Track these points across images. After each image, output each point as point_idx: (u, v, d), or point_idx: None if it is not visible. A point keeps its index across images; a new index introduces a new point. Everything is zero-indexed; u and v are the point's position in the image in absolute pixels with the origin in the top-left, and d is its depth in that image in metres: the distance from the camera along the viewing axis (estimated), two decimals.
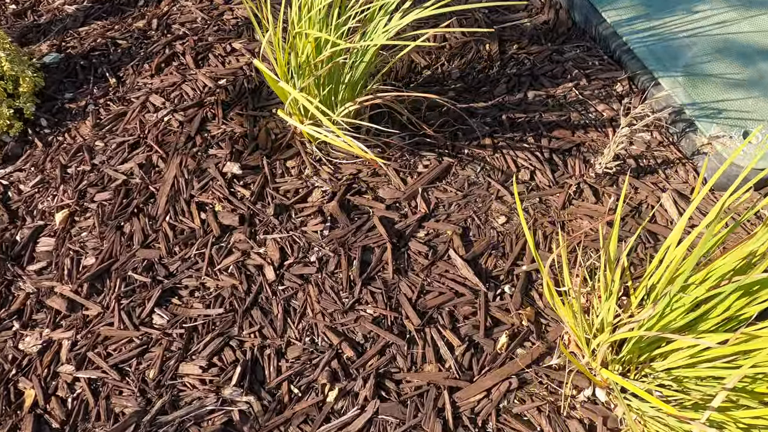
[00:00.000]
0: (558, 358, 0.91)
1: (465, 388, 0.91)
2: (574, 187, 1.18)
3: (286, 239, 1.13)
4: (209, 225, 1.16)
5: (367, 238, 1.12)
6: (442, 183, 1.21)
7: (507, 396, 0.90)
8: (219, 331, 1.01)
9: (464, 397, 0.90)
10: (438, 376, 0.93)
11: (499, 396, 0.90)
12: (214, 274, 1.10)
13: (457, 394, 0.91)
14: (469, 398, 0.90)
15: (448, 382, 0.92)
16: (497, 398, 0.90)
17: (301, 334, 1.00)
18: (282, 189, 1.21)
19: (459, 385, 0.92)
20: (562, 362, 0.91)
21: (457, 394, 0.91)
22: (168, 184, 1.24)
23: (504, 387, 0.90)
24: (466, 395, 0.90)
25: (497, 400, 0.90)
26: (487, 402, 0.90)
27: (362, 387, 0.92)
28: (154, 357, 0.99)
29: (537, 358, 0.93)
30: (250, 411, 0.92)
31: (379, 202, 1.17)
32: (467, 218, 1.15)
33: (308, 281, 1.07)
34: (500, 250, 1.10)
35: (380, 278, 1.06)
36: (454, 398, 0.91)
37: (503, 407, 0.90)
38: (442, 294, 1.03)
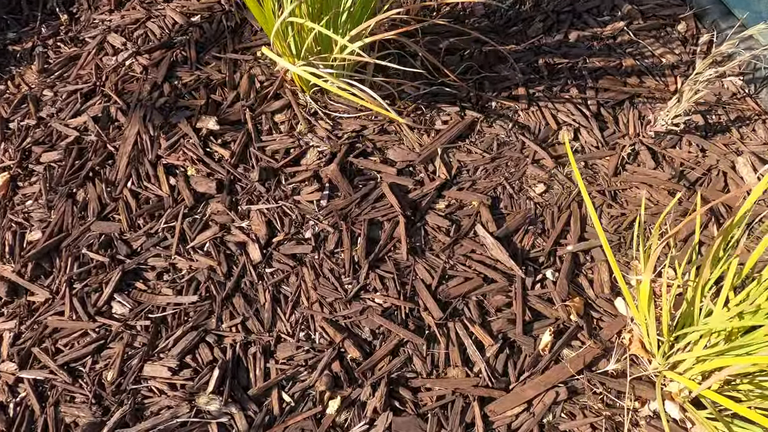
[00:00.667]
0: (616, 362, 0.73)
1: (499, 399, 0.73)
2: (628, 149, 0.97)
3: (275, 211, 0.92)
4: (180, 193, 0.95)
5: (374, 209, 0.91)
6: (466, 143, 0.99)
7: (552, 409, 0.72)
8: (193, 323, 0.82)
9: (499, 410, 0.72)
10: (465, 383, 0.74)
11: (543, 409, 0.72)
12: (187, 253, 0.89)
13: (489, 407, 0.73)
14: (504, 411, 0.72)
15: (477, 391, 0.73)
16: (540, 412, 0.72)
17: (293, 329, 0.81)
18: (269, 149, 0.99)
19: (492, 394, 0.73)
20: (621, 367, 0.73)
21: (490, 406, 0.73)
22: (130, 142, 1.01)
23: (549, 398, 0.72)
24: (501, 408, 0.72)
25: (540, 414, 0.72)
26: (528, 416, 0.72)
27: (370, 396, 0.74)
28: (114, 355, 0.80)
29: (589, 362, 0.75)
30: (232, 424, 0.74)
31: (389, 166, 0.96)
32: (497, 186, 0.94)
33: (302, 263, 0.87)
34: (539, 226, 0.89)
35: (391, 260, 0.86)
36: (486, 411, 0.73)
37: (548, 423, 0.72)
38: (468, 280, 0.83)
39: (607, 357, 0.75)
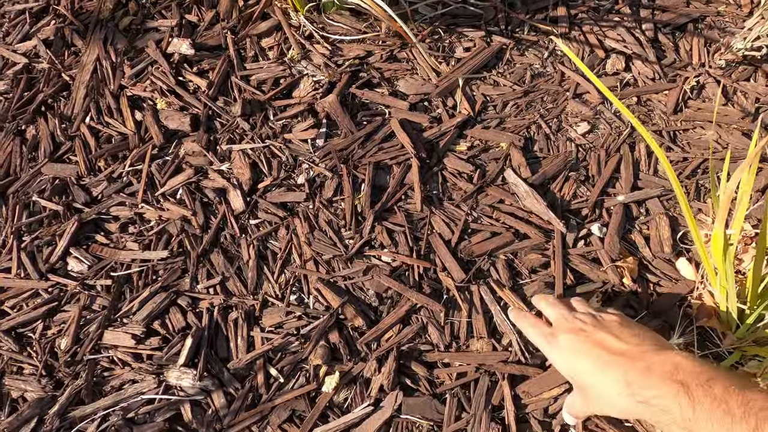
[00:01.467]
0: (680, 336, 0.59)
1: (534, 378, 0.59)
2: (691, 82, 0.79)
3: (261, 151, 0.76)
4: (148, 130, 0.79)
5: (381, 151, 0.75)
6: (492, 74, 0.82)
7: None
8: (163, 283, 0.68)
9: (533, 390, 0.59)
10: (492, 358, 0.61)
11: None
12: (156, 200, 0.74)
13: (522, 387, 0.59)
14: (541, 393, 0.59)
15: (507, 368, 0.60)
16: None
17: (283, 291, 0.67)
18: (254, 78, 0.82)
19: (525, 372, 0.60)
20: (688, 340, 0.59)
21: (523, 386, 0.59)
22: (88, 70, 0.84)
23: None
24: (537, 388, 0.59)
25: None
26: None
27: (376, 372, 0.61)
28: (68, 319, 0.67)
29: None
30: (208, 402, 0.61)
31: (400, 99, 0.79)
32: (530, 125, 0.77)
33: (294, 213, 0.72)
34: (582, 173, 0.73)
35: (402, 210, 0.71)
36: (518, 392, 0.59)
37: None
38: (496, 235, 0.68)
39: (666, 329, 0.61)
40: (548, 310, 0.55)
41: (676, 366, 0.39)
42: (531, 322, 0.55)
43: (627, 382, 0.41)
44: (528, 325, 0.55)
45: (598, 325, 0.49)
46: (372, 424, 0.58)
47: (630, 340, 0.45)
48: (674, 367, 0.39)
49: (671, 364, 0.39)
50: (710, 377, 0.38)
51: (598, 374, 0.44)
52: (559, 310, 0.54)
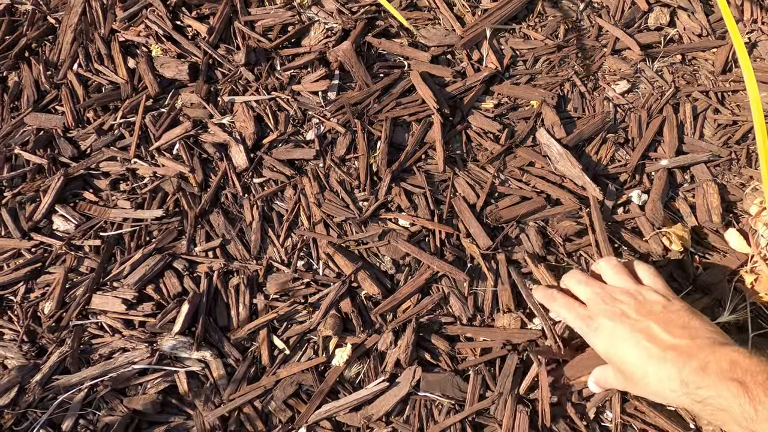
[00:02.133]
0: (732, 313, 0.53)
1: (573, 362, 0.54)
2: (744, 38, 0.72)
3: (266, 104, 0.69)
4: (142, 78, 0.72)
5: (400, 106, 0.68)
6: (522, 26, 0.74)
7: None
8: (157, 245, 0.62)
9: (568, 372, 0.53)
10: (522, 334, 0.55)
11: None
12: (150, 155, 0.68)
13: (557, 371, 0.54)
14: (578, 376, 0.53)
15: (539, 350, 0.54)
16: None
17: (290, 255, 0.61)
18: (260, 24, 0.74)
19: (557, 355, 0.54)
20: (740, 318, 0.53)
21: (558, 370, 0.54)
22: (76, 12, 0.77)
23: None
24: (573, 371, 0.53)
25: None
26: None
27: (392, 344, 0.55)
28: (53, 282, 0.61)
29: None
30: (206, 374, 0.56)
31: (421, 51, 0.72)
32: (564, 82, 0.70)
33: (302, 172, 0.65)
34: (621, 135, 0.67)
35: (422, 171, 0.64)
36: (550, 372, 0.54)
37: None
38: (525, 200, 0.62)
39: (714, 305, 0.55)
40: (580, 289, 0.49)
41: (732, 363, 0.37)
42: (563, 303, 0.49)
43: (682, 381, 0.39)
44: (560, 306, 0.49)
45: (641, 308, 0.45)
46: (387, 402, 0.53)
47: (681, 333, 0.42)
48: (731, 364, 0.37)
49: (728, 362, 0.37)
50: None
51: (649, 368, 0.41)
52: (592, 289, 0.48)
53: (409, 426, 0.52)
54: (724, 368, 0.37)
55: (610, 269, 0.50)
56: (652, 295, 0.46)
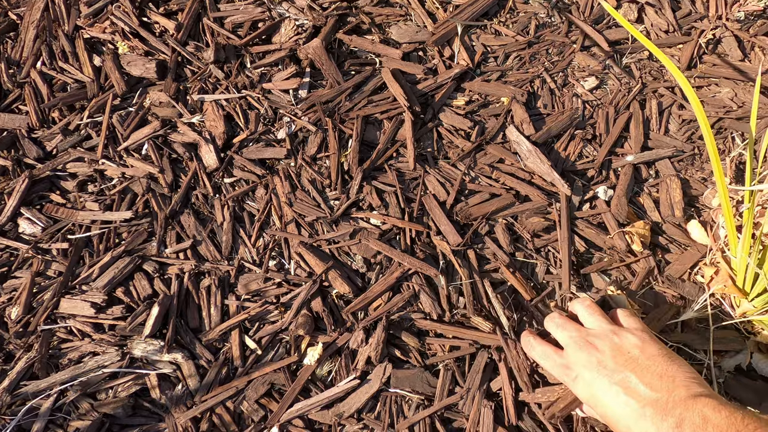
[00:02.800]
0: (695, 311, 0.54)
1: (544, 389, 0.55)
2: (708, 35, 0.73)
3: (237, 102, 0.68)
4: (108, 76, 0.70)
5: (371, 104, 0.68)
6: (494, 22, 0.75)
7: None
8: (126, 247, 0.61)
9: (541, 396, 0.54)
10: (490, 339, 0.56)
11: None
12: (118, 156, 0.66)
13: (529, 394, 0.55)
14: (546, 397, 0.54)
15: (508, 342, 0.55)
16: None
17: (261, 255, 0.61)
18: (229, 20, 0.73)
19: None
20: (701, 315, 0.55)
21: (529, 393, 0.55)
22: (38, 8, 0.74)
23: None
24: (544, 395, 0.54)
25: None
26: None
27: (363, 342, 0.56)
28: (20, 286, 0.60)
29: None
30: (178, 375, 0.56)
31: (392, 47, 0.71)
32: (534, 79, 0.71)
33: (273, 171, 0.65)
34: (588, 131, 0.68)
35: (393, 169, 0.64)
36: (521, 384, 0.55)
37: None
38: (495, 197, 0.62)
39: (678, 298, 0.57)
40: (558, 333, 0.50)
41: (704, 419, 0.39)
42: (540, 352, 0.50)
43: None
44: (538, 355, 0.50)
45: (618, 355, 0.45)
46: (358, 399, 0.53)
47: (659, 385, 0.43)
48: (703, 420, 0.39)
49: (700, 418, 0.40)
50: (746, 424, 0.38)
51: (630, 422, 0.42)
52: (569, 333, 0.48)
53: (379, 422, 0.53)
54: (697, 424, 0.39)
55: (584, 310, 0.50)
56: (628, 338, 0.46)
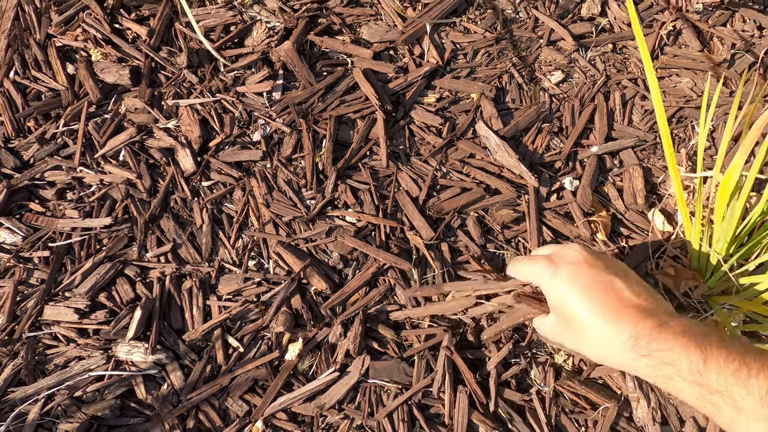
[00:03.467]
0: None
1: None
2: (668, 27, 0.76)
3: (211, 106, 0.69)
4: (82, 84, 0.71)
5: (344, 104, 0.69)
6: (463, 19, 0.76)
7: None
8: (108, 252, 0.62)
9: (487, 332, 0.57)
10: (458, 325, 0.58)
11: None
12: (96, 163, 0.67)
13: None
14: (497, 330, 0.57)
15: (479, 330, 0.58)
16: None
17: (241, 256, 0.62)
18: (202, 24, 0.74)
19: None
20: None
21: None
22: (9, 17, 0.74)
23: None
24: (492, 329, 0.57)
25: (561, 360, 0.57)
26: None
27: (341, 336, 0.58)
28: (3, 296, 0.61)
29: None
30: (162, 376, 0.57)
31: (363, 47, 0.73)
32: (502, 74, 0.73)
33: (250, 173, 0.66)
34: (555, 124, 0.70)
35: (367, 167, 0.66)
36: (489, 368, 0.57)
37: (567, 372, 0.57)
38: (466, 191, 0.65)
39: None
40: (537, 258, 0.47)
41: (686, 326, 0.38)
42: (527, 260, 0.47)
43: (635, 335, 0.39)
44: (525, 264, 0.47)
45: (601, 262, 0.43)
46: (338, 390, 0.55)
47: (645, 295, 0.41)
48: (685, 327, 0.38)
49: (682, 325, 0.38)
50: (722, 338, 0.37)
51: (602, 320, 0.40)
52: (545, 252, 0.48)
53: (360, 412, 0.55)
54: (678, 330, 0.38)
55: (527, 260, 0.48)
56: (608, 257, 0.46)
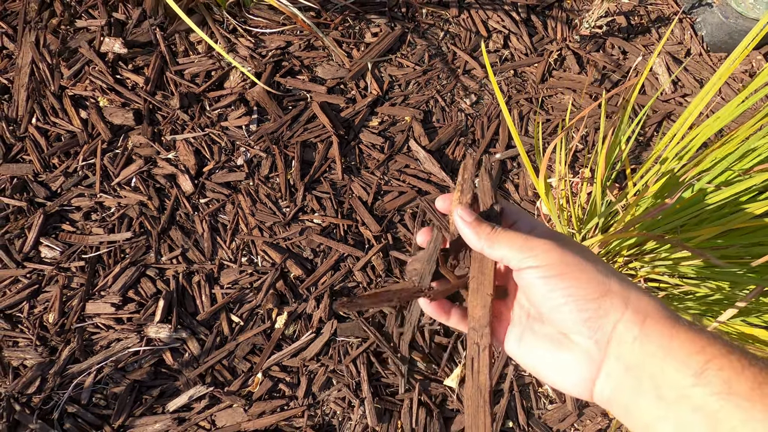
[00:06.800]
0: None
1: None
2: (555, 55, 0.98)
3: (202, 139, 0.88)
4: (94, 126, 0.88)
5: (306, 131, 0.89)
6: (397, 56, 0.96)
7: None
8: (131, 259, 0.81)
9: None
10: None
11: None
12: (113, 189, 0.85)
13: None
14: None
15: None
16: None
17: (235, 255, 0.82)
18: (188, 72, 0.92)
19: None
20: None
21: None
22: (25, 72, 0.90)
23: None
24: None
25: None
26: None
27: (315, 308, 0.79)
28: (51, 298, 0.79)
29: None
30: (184, 347, 0.77)
31: (319, 84, 0.92)
32: (429, 100, 0.94)
33: (237, 190, 0.86)
34: (470, 137, 0.91)
35: (327, 180, 0.86)
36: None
37: None
38: (403, 194, 0.86)
39: None
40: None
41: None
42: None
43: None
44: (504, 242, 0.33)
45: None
46: (316, 347, 0.77)
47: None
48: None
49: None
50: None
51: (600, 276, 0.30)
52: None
53: (332, 360, 0.76)
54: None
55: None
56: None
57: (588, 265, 0.29)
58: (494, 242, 0.32)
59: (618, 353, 0.28)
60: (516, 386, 0.78)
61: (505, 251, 0.31)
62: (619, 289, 0.29)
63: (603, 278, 0.29)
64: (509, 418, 0.77)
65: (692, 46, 1.00)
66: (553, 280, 0.29)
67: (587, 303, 0.28)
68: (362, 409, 0.75)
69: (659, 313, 0.28)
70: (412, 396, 0.76)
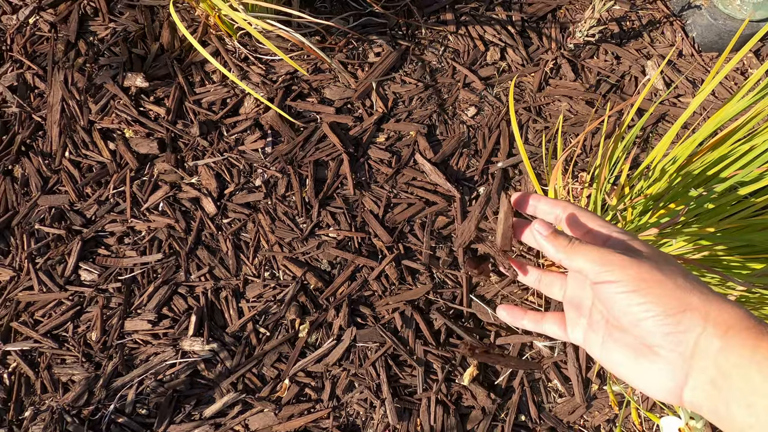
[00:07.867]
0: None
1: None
2: (550, 64, 1.02)
3: (222, 163, 0.94)
4: (122, 156, 0.95)
5: (318, 150, 0.95)
6: (400, 73, 1.02)
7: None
8: (163, 278, 0.88)
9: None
10: (417, 293, 0.85)
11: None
12: (143, 214, 0.92)
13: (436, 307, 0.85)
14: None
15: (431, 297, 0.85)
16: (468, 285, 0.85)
17: (258, 270, 0.88)
18: (205, 101, 0.98)
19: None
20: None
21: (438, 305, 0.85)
22: (56, 110, 0.98)
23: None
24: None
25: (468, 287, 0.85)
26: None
27: (335, 316, 0.85)
28: (93, 317, 0.86)
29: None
30: (216, 358, 0.84)
31: (327, 105, 0.98)
32: (432, 114, 0.99)
33: (257, 209, 0.92)
34: (472, 147, 0.96)
35: (340, 196, 0.92)
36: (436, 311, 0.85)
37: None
38: (411, 205, 0.91)
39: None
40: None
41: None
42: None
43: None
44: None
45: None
46: (337, 352, 0.82)
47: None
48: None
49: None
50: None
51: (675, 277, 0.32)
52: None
53: (353, 365, 0.82)
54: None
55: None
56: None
57: (666, 280, 0.30)
58: (571, 255, 0.33)
59: (702, 366, 0.29)
60: (526, 382, 0.83)
61: (582, 263, 0.32)
62: (699, 303, 0.29)
63: (681, 293, 0.30)
64: (521, 412, 0.82)
65: (684, 48, 1.03)
66: (631, 296, 0.30)
67: (666, 318, 0.29)
68: (383, 409, 0.80)
69: (741, 323, 0.29)
70: (429, 395, 0.81)
